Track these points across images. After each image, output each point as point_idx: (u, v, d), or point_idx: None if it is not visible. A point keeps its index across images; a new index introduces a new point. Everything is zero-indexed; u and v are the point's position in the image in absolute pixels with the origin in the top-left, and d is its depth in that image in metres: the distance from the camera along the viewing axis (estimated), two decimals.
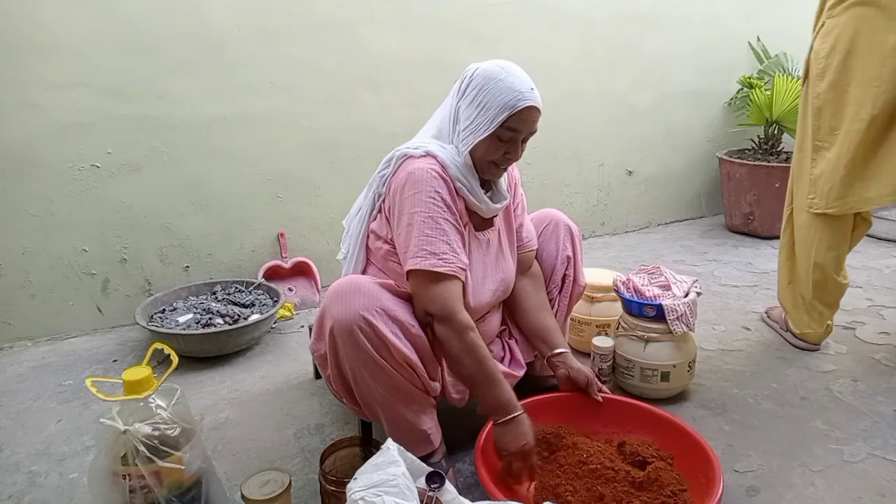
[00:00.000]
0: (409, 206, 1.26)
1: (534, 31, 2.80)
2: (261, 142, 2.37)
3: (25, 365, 2.03)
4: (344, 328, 1.19)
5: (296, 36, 2.32)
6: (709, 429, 1.63)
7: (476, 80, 1.30)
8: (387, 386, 1.25)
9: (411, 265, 1.23)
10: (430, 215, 1.24)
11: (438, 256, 1.23)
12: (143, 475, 1.08)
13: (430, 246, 1.23)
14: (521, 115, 1.26)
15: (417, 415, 1.32)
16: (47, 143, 2.06)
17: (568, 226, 1.64)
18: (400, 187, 1.28)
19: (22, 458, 1.55)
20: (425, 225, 1.24)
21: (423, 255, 1.22)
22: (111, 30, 2.05)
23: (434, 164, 1.29)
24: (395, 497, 0.97)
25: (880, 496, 1.38)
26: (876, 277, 2.68)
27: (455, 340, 1.24)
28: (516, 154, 1.33)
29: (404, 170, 1.29)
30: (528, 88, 1.27)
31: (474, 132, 1.28)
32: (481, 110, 1.27)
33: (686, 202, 3.60)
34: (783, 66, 3.41)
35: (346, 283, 1.23)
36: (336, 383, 1.32)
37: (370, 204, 1.40)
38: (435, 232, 1.24)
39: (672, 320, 1.69)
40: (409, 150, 1.32)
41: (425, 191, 1.25)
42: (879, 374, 1.90)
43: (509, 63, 1.32)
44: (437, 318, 1.24)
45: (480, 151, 1.30)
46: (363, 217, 1.42)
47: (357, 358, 1.21)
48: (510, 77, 1.27)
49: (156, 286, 2.32)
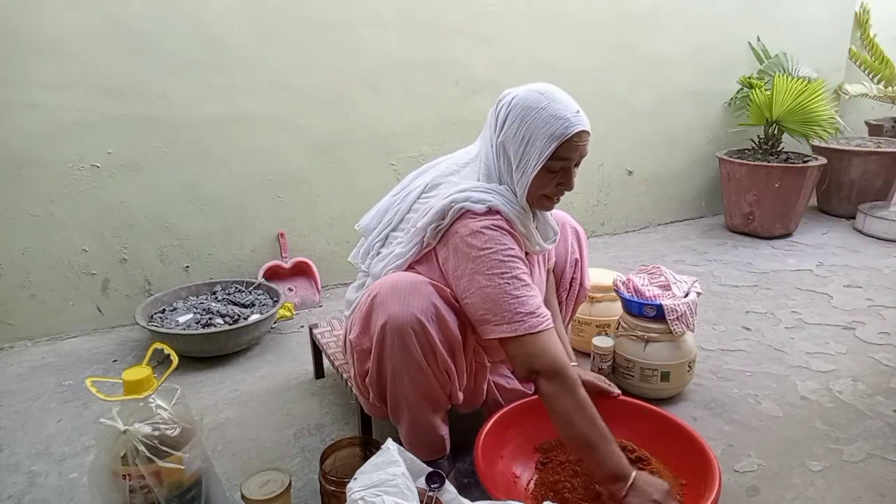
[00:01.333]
0: (484, 268, 1.17)
1: (534, 31, 2.80)
2: (261, 142, 2.37)
3: (25, 365, 2.03)
4: (398, 328, 1.16)
5: (296, 36, 2.32)
6: (709, 429, 1.63)
7: (515, 110, 1.21)
8: (422, 390, 1.24)
9: (509, 332, 1.17)
10: (513, 275, 1.18)
11: (535, 315, 1.18)
12: (143, 475, 1.08)
13: (524, 307, 1.17)
14: (572, 143, 1.18)
15: (439, 420, 1.32)
16: (47, 143, 2.06)
17: (575, 228, 1.63)
18: (466, 246, 1.19)
19: (22, 458, 1.55)
20: (511, 286, 1.17)
21: (520, 318, 1.17)
22: (111, 30, 2.05)
23: (500, 220, 1.21)
24: (395, 497, 0.97)
25: (880, 496, 1.38)
26: (876, 277, 2.68)
27: (567, 398, 1.17)
28: (570, 184, 1.25)
29: (466, 226, 1.20)
30: (573, 112, 1.19)
31: (525, 171, 1.21)
32: (527, 145, 1.19)
33: (686, 202, 3.60)
34: (783, 66, 3.41)
35: (404, 282, 1.20)
36: (371, 380, 1.29)
37: (415, 250, 1.28)
38: (522, 290, 1.18)
39: (672, 320, 1.69)
40: (469, 204, 1.21)
41: (500, 250, 1.18)
42: (879, 374, 1.90)
43: (548, 86, 1.22)
44: (546, 374, 1.17)
45: (532, 187, 1.23)
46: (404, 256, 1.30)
47: (403, 359, 1.19)
48: (552, 103, 1.18)
49: (156, 286, 2.32)
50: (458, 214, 1.22)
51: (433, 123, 2.68)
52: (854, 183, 3.50)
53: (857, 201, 3.46)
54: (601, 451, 1.15)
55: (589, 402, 1.18)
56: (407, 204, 1.35)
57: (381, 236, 1.39)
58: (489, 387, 1.47)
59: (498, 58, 2.73)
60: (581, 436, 1.16)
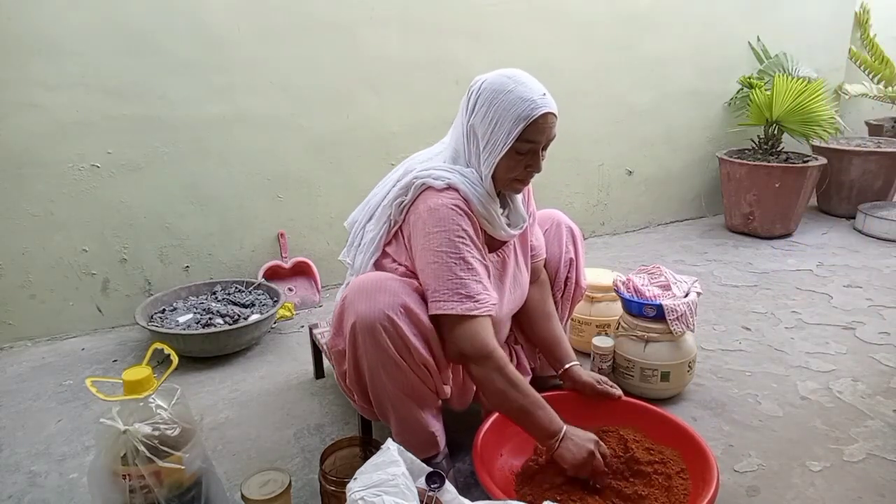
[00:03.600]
0: (434, 244, 1.20)
1: (534, 31, 2.80)
2: (261, 142, 2.37)
3: (25, 365, 2.03)
4: (367, 326, 1.17)
5: (296, 36, 2.32)
6: (709, 429, 1.63)
7: (483, 94, 1.22)
8: (402, 386, 1.24)
9: (446, 309, 1.19)
10: (459, 256, 1.20)
11: (474, 299, 1.20)
12: (143, 475, 1.08)
13: (464, 289, 1.19)
14: (538, 124, 1.20)
15: (427, 417, 1.32)
16: (47, 143, 2.06)
17: (570, 227, 1.63)
18: (422, 221, 1.22)
19: (22, 458, 1.55)
20: (456, 266, 1.19)
21: (459, 300, 1.19)
22: (111, 30, 2.05)
23: (457, 198, 1.23)
24: (394, 497, 0.97)
25: (880, 496, 1.39)
26: (876, 277, 2.68)
27: (497, 378, 1.21)
28: (537, 166, 1.26)
29: (425, 202, 1.23)
30: (539, 95, 1.20)
31: (492, 151, 1.22)
32: (495, 126, 1.20)
33: (686, 202, 3.60)
34: (783, 66, 3.41)
35: (371, 280, 1.21)
36: (351, 380, 1.30)
37: (384, 229, 1.33)
38: (466, 273, 1.20)
39: (672, 320, 1.69)
40: (430, 181, 1.24)
41: (451, 229, 1.20)
42: (879, 374, 1.90)
43: (515, 70, 1.24)
44: (474, 358, 1.21)
45: (501, 170, 1.24)
46: (376, 239, 1.34)
47: (377, 357, 1.20)
48: (519, 86, 1.20)
49: (156, 286, 2.32)
50: (420, 190, 1.26)
51: (433, 123, 2.68)
52: (854, 183, 3.50)
53: (857, 201, 3.46)
54: (535, 417, 1.24)
55: (518, 376, 1.24)
56: (383, 193, 1.38)
57: (361, 227, 1.42)
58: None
59: (498, 58, 2.73)
60: (515, 408, 1.24)
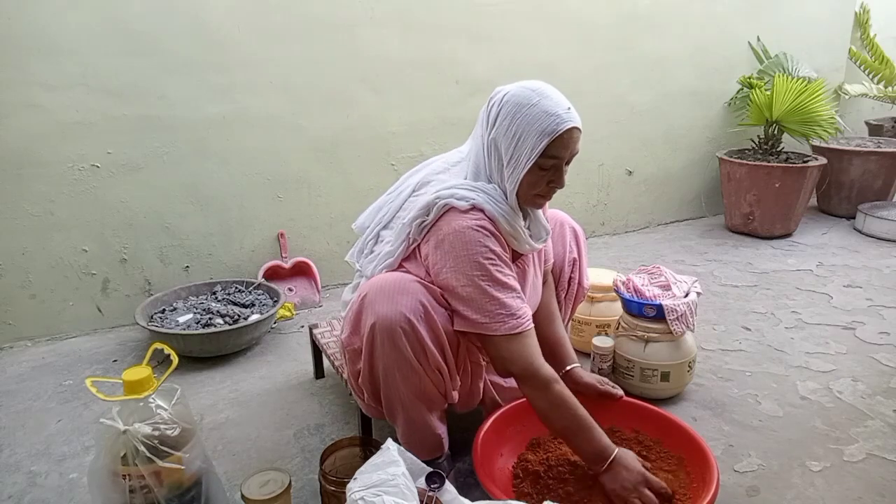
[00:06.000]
0: (465, 268, 1.18)
1: (534, 31, 2.80)
2: (261, 142, 2.37)
3: (25, 365, 2.03)
4: (387, 328, 1.17)
5: (296, 36, 2.32)
6: (709, 429, 1.63)
7: (506, 107, 1.19)
8: (415, 389, 1.24)
9: (491, 332, 1.19)
10: (492, 278, 1.18)
11: (515, 316, 1.20)
12: (143, 475, 1.08)
13: (503, 308, 1.19)
14: (563, 140, 1.16)
15: (435, 419, 1.32)
16: (47, 143, 2.06)
17: (573, 227, 1.62)
18: (448, 243, 1.19)
19: (22, 458, 1.55)
20: (492, 288, 1.18)
21: (502, 320, 1.19)
22: (111, 30, 2.05)
23: (482, 218, 1.20)
24: (394, 497, 0.97)
25: (880, 496, 1.39)
26: (876, 277, 2.68)
27: (542, 397, 1.22)
28: (560, 181, 1.23)
29: (449, 224, 1.20)
30: (564, 109, 1.17)
31: (516, 167, 1.19)
32: (518, 141, 1.17)
33: (686, 202, 3.60)
34: (783, 66, 3.41)
35: (391, 281, 1.20)
36: (364, 380, 1.30)
37: (402, 246, 1.29)
38: (503, 292, 1.19)
39: (672, 320, 1.69)
40: (453, 202, 1.21)
41: (480, 252, 1.18)
42: (879, 374, 1.90)
43: (539, 83, 1.21)
44: (520, 377, 1.23)
45: (523, 186, 1.22)
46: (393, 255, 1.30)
47: (393, 358, 1.19)
48: (544, 100, 1.17)
49: (156, 286, 2.32)
50: (442, 211, 1.22)
51: (433, 123, 2.68)
52: (854, 183, 3.50)
53: (857, 201, 3.46)
54: (580, 439, 1.23)
55: (563, 397, 1.23)
56: (399, 202, 1.36)
57: (374, 234, 1.40)
58: (486, 386, 1.47)
59: (498, 58, 2.73)
60: (563, 427, 1.24)
